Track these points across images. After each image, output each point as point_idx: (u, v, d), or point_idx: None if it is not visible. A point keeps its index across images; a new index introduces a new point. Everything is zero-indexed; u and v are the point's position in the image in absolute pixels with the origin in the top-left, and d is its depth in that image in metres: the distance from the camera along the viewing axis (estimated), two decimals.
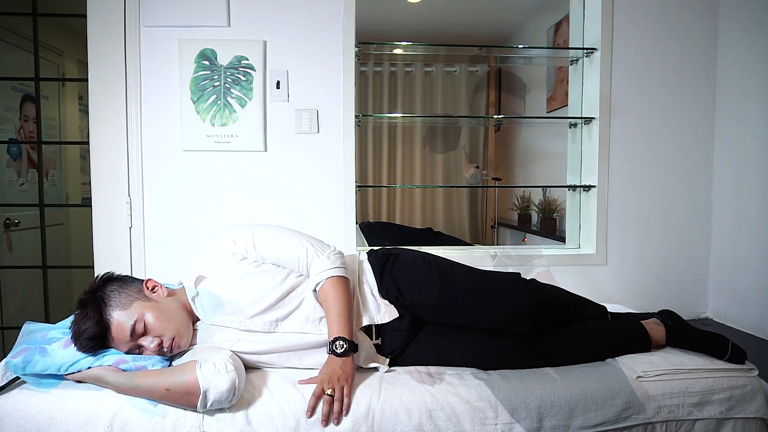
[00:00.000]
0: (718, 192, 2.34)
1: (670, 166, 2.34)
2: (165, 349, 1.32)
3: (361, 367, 1.39)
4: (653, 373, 1.38)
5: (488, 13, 3.86)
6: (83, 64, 2.25)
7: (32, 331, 1.38)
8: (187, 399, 1.20)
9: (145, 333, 1.31)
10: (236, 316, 1.37)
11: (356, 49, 2.20)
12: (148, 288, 1.39)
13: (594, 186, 2.33)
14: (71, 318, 1.32)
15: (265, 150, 2.19)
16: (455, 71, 4.38)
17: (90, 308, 1.29)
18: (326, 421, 1.23)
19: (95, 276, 1.41)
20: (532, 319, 1.43)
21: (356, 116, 2.22)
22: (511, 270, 1.71)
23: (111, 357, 1.29)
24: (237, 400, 1.23)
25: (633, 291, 2.33)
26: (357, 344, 1.35)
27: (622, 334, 1.53)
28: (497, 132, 4.52)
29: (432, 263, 1.52)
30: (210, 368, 1.21)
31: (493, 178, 4.22)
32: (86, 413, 1.21)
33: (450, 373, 1.40)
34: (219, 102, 2.16)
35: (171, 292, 1.42)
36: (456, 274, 1.50)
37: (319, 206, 2.22)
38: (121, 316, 1.30)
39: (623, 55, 2.29)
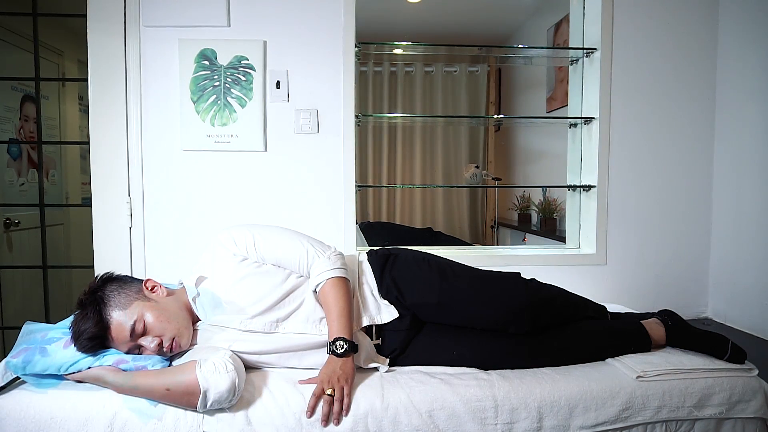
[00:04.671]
0: (718, 192, 2.34)
1: (670, 166, 2.34)
2: (165, 349, 1.32)
3: (361, 368, 1.39)
4: (653, 373, 1.38)
5: (488, 13, 3.87)
6: (83, 64, 2.25)
7: (32, 331, 1.38)
8: (187, 399, 1.20)
9: (144, 333, 1.31)
10: (237, 316, 1.37)
11: (356, 49, 2.20)
12: (147, 288, 1.39)
13: (594, 186, 2.33)
14: (71, 318, 1.32)
15: (265, 150, 2.19)
16: (455, 71, 4.38)
17: (90, 308, 1.29)
18: (326, 421, 1.23)
19: (95, 276, 1.41)
20: (532, 319, 1.44)
21: (356, 116, 2.22)
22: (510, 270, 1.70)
23: (111, 357, 1.29)
24: (237, 400, 1.23)
25: (633, 291, 2.33)
26: (357, 344, 1.35)
27: (622, 334, 1.53)
28: (497, 132, 4.52)
29: (432, 263, 1.52)
30: (210, 368, 1.21)
31: (493, 178, 4.23)
32: (86, 413, 1.21)
33: (450, 373, 1.39)
34: (219, 102, 2.16)
35: (171, 292, 1.42)
36: (456, 274, 1.50)
37: (319, 206, 2.22)
38: (120, 316, 1.30)
39: (623, 55, 2.29)
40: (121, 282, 1.39)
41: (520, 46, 3.86)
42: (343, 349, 1.30)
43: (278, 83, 2.18)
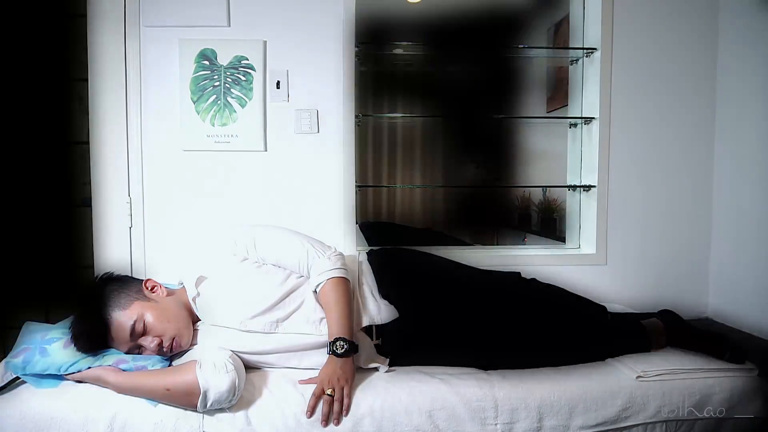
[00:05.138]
0: (718, 192, 2.34)
1: (670, 165, 2.34)
2: (165, 349, 1.32)
3: (361, 368, 1.39)
4: (653, 373, 1.38)
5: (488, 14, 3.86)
6: (83, 64, 2.25)
7: (32, 331, 1.38)
8: (187, 399, 1.20)
9: (144, 333, 1.31)
10: (237, 316, 1.37)
11: (356, 49, 2.21)
12: (147, 288, 1.40)
13: (594, 186, 2.33)
14: (71, 318, 1.33)
15: (265, 150, 2.19)
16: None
17: (90, 308, 1.29)
18: (326, 422, 1.23)
19: (95, 276, 1.41)
20: (531, 319, 1.44)
21: (356, 116, 2.22)
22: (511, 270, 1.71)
23: (111, 357, 1.29)
24: (237, 400, 1.23)
25: (633, 291, 2.33)
26: (357, 345, 1.35)
27: (622, 334, 1.54)
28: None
29: (432, 263, 1.52)
30: (210, 368, 1.21)
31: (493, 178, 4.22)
32: (86, 413, 1.21)
33: (450, 373, 1.40)
34: (219, 102, 2.16)
35: (171, 292, 1.43)
36: (456, 275, 1.50)
37: (319, 206, 2.22)
38: (120, 316, 1.30)
39: (623, 55, 2.29)
40: (121, 282, 1.39)
41: (520, 46, 3.86)
42: (344, 350, 1.30)
43: (278, 83, 2.18)
